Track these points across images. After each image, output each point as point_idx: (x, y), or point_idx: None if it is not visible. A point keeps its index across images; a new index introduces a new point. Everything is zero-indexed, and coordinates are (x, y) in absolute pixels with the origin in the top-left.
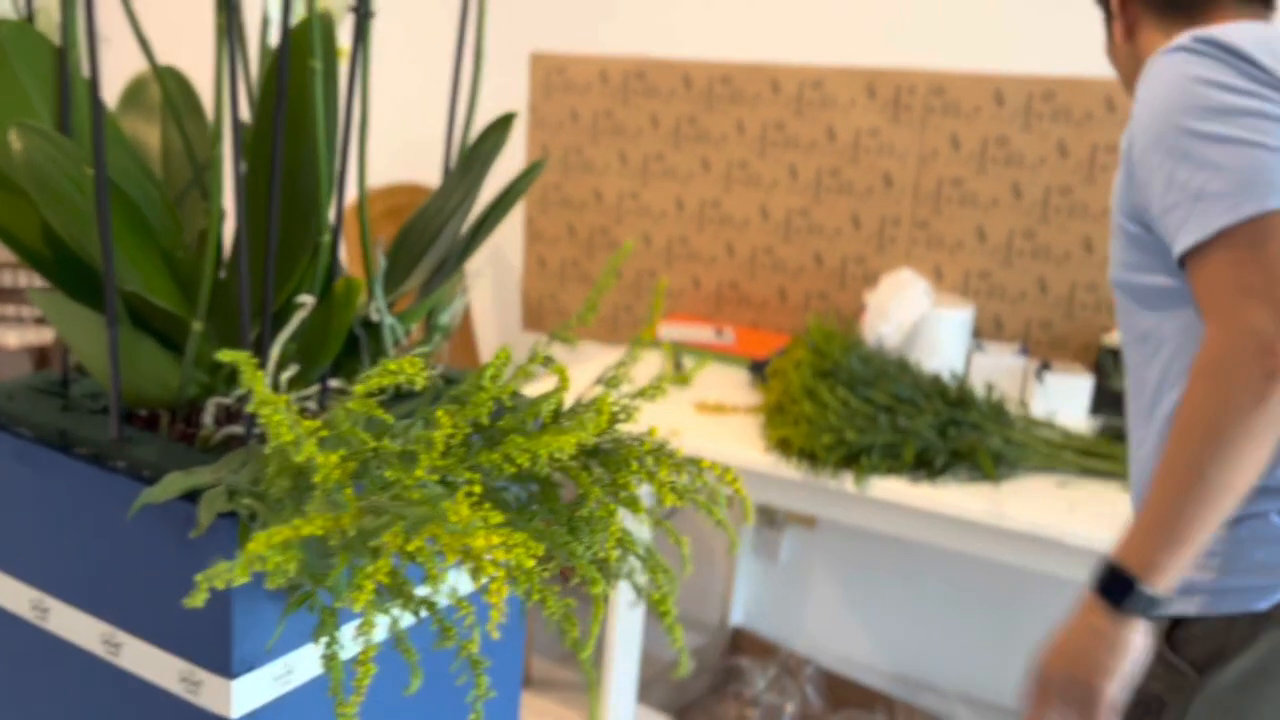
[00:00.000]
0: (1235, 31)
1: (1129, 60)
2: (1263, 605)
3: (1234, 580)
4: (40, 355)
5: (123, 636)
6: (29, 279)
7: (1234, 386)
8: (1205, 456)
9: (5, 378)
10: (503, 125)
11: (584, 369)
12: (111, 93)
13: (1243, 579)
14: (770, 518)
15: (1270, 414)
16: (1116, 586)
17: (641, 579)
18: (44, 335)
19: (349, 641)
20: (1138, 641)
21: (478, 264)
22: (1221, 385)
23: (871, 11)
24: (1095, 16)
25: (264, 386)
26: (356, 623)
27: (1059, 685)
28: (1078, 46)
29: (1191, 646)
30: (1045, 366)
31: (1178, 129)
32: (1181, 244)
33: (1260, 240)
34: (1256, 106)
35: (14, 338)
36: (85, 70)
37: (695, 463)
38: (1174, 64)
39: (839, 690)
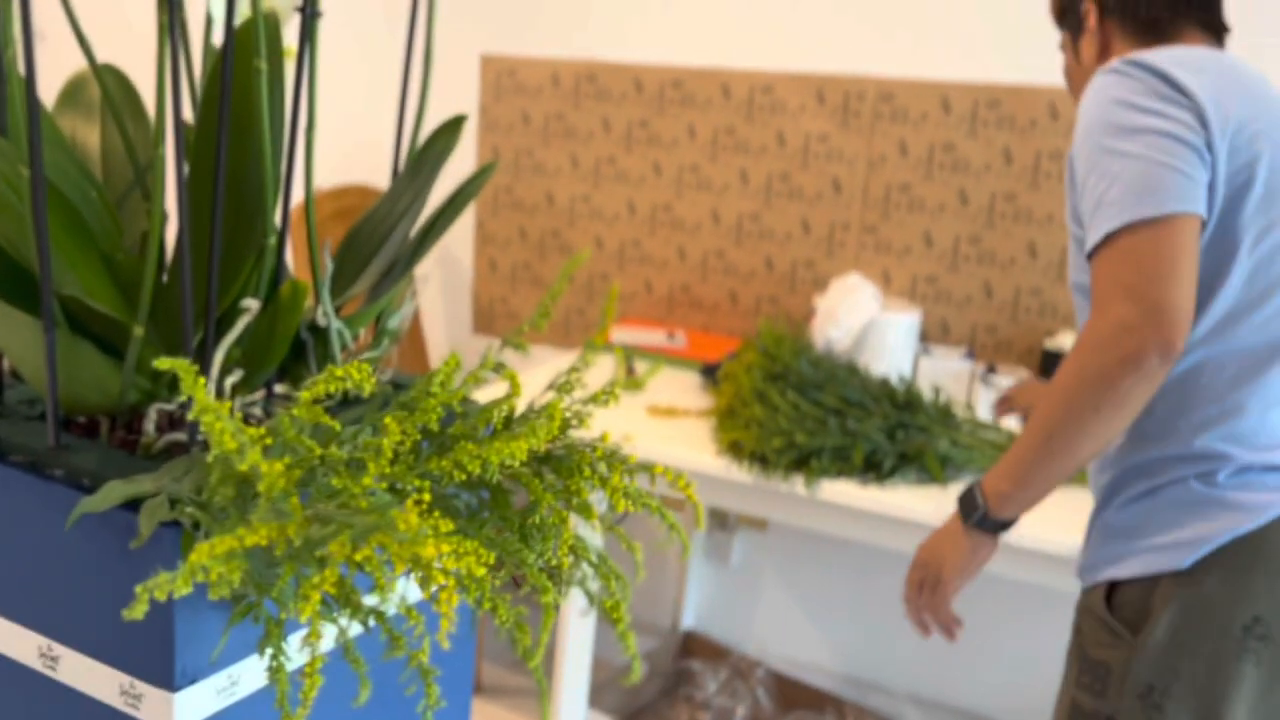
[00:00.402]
0: (1165, 55)
1: (1085, 79)
2: (1185, 563)
3: (1159, 540)
4: None
5: (60, 649)
6: None
7: (1094, 367)
8: (1058, 421)
9: None
10: (453, 127)
11: (536, 373)
12: (49, 91)
13: (1166, 539)
14: (722, 521)
15: (1119, 394)
16: (972, 506)
17: (594, 586)
18: None
19: (296, 652)
20: (982, 550)
21: (427, 267)
22: (1085, 364)
23: (821, 18)
24: (1039, 26)
25: (205, 393)
26: (303, 632)
27: (920, 569)
28: (1023, 55)
29: (1125, 609)
30: (991, 370)
31: (1096, 145)
32: (1087, 247)
33: (1139, 242)
34: (1158, 125)
35: None
36: (21, 68)
37: (648, 468)
38: (1104, 85)
39: (790, 692)
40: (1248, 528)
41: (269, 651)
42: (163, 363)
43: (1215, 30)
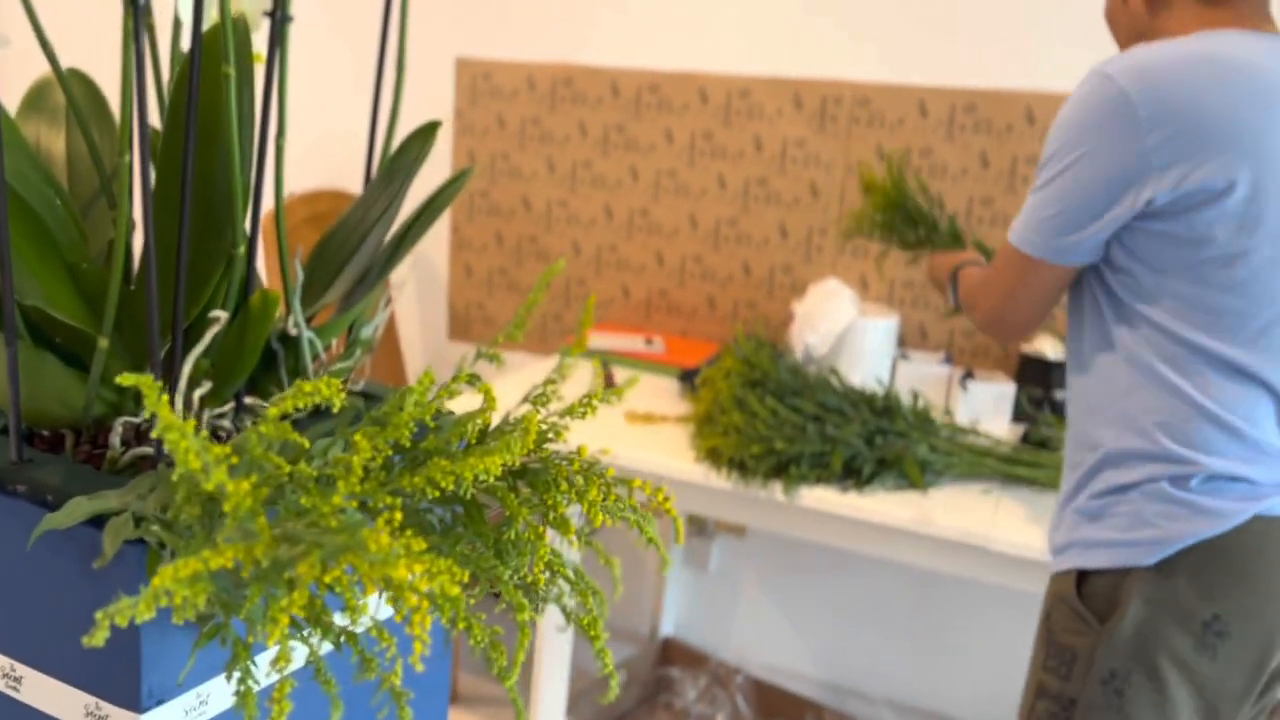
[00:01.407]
0: (1164, 61)
1: (1131, 25)
2: (1153, 560)
3: (1131, 536)
4: None
5: (23, 670)
6: None
7: (972, 310)
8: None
9: None
10: (427, 132)
11: (513, 380)
12: (12, 97)
13: (1137, 536)
14: (700, 527)
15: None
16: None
17: (570, 602)
18: None
19: (264, 673)
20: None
21: (401, 273)
22: (973, 301)
23: (798, 23)
24: (1016, 30)
25: (169, 410)
26: (272, 654)
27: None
28: (1000, 59)
29: (1094, 598)
30: (969, 375)
31: (1044, 156)
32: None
33: (1007, 264)
34: (1086, 161)
35: None
36: None
37: (626, 483)
38: (1083, 90)
39: (769, 699)
40: (1215, 531)
41: (236, 675)
42: (126, 379)
43: None
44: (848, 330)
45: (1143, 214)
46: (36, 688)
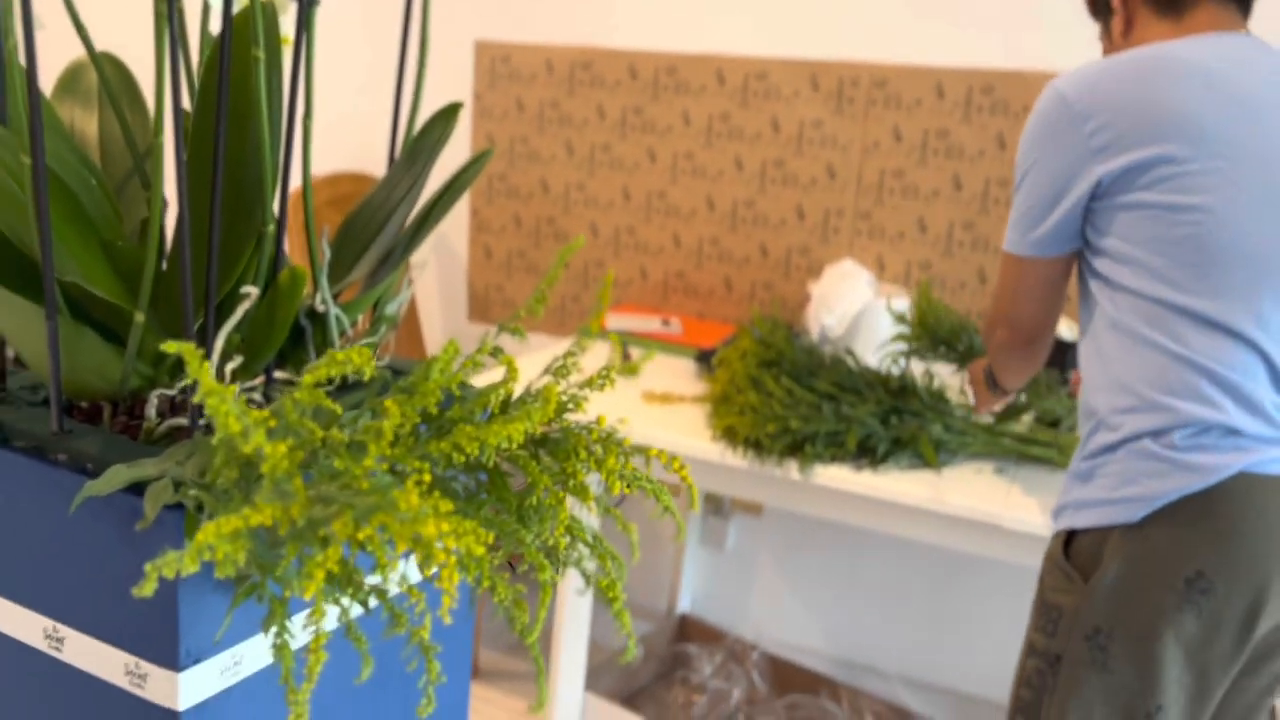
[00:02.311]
0: (1091, 83)
1: (1113, 52)
2: (1136, 517)
3: (1116, 495)
4: None
5: (65, 631)
6: None
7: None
8: (997, 363)
9: None
10: (448, 115)
11: (532, 360)
12: (46, 80)
13: (1121, 494)
14: (717, 506)
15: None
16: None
17: (590, 566)
18: None
19: (299, 631)
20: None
21: (422, 254)
22: (988, 334)
23: (815, 4)
24: (1033, 11)
25: (210, 377)
26: (306, 612)
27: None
28: (1017, 40)
29: (1079, 556)
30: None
31: (1016, 163)
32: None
33: (1008, 271)
34: (1038, 165)
35: None
36: (22, 57)
37: (643, 451)
38: (1036, 107)
39: (784, 675)
40: (1197, 487)
41: (273, 630)
42: (169, 346)
43: (1238, 4)
44: (863, 311)
45: (1095, 195)
46: (78, 648)
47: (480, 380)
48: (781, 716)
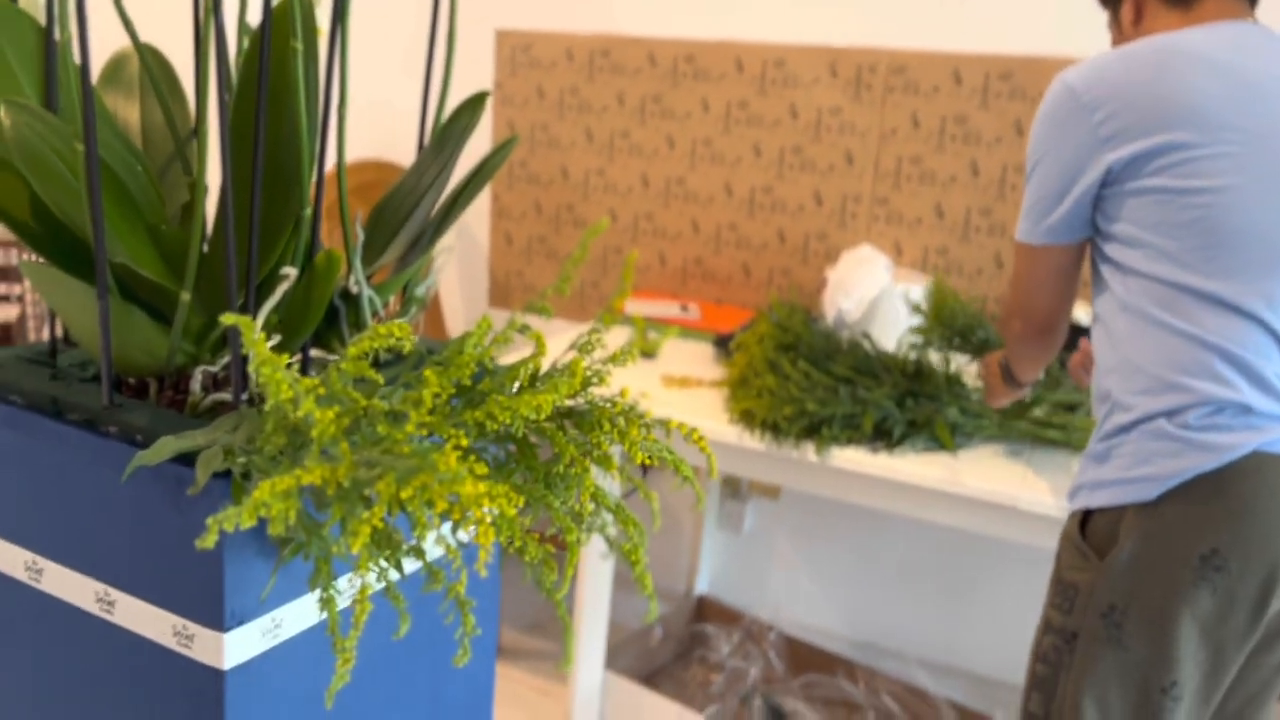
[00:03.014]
0: (1099, 74)
1: (1123, 43)
2: (1152, 496)
3: (1131, 474)
4: (4, 331)
5: (116, 594)
6: None
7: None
8: (1013, 359)
9: None
10: (475, 103)
11: (552, 344)
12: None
13: (1137, 474)
14: (734, 488)
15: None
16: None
17: (613, 532)
18: (8, 312)
19: (341, 589)
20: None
21: (447, 240)
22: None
23: None
24: None
25: (264, 347)
26: (346, 576)
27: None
28: (1035, 26)
29: (1095, 535)
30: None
31: (1028, 154)
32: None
33: (1021, 261)
34: (1049, 156)
35: None
36: (74, 48)
37: (663, 423)
38: (1045, 100)
39: (801, 655)
40: (1211, 465)
41: (319, 586)
42: (227, 318)
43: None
44: (880, 296)
45: (1105, 182)
46: (128, 610)
47: (506, 360)
48: (798, 695)
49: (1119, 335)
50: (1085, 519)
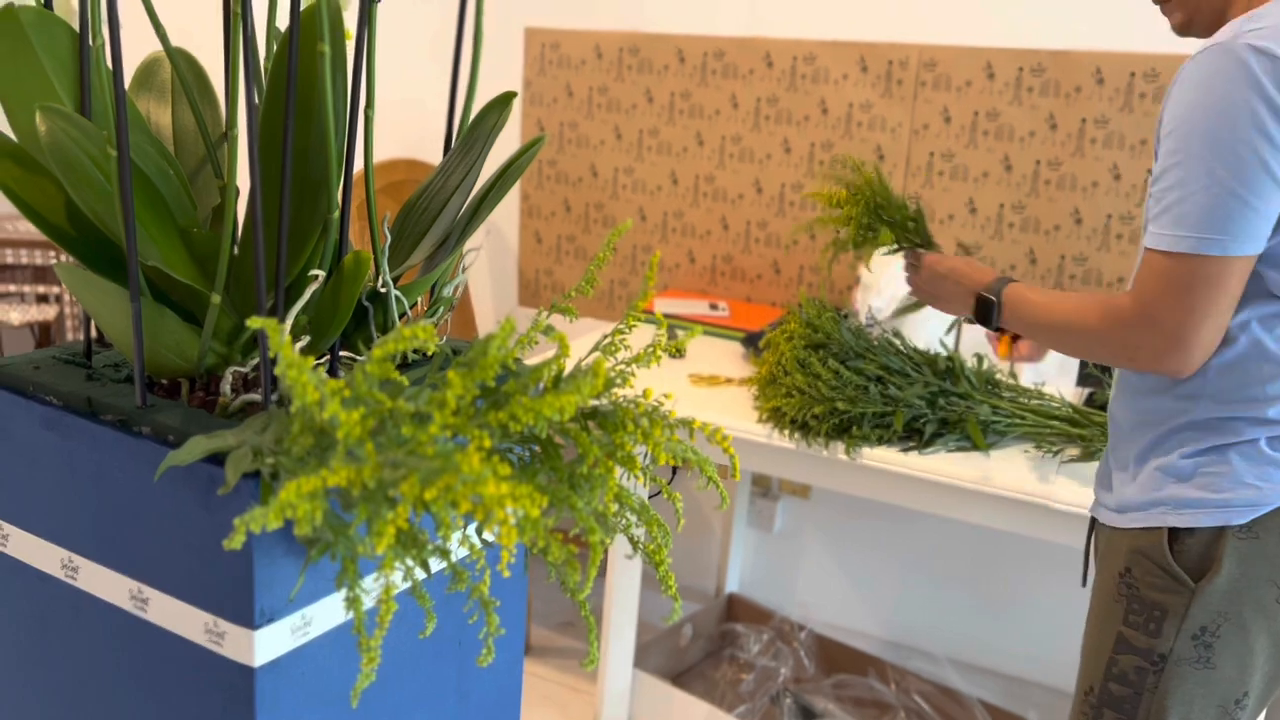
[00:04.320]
0: None
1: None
2: (1247, 519)
3: (1227, 497)
4: (43, 331)
5: (150, 592)
6: (29, 257)
7: (1099, 341)
8: (1055, 340)
9: (9, 353)
10: (503, 103)
11: (580, 343)
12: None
13: (1233, 496)
14: (765, 487)
15: (1107, 361)
16: (987, 315)
17: (637, 532)
18: (46, 312)
19: (367, 588)
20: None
21: (475, 240)
22: (1093, 330)
23: None
24: None
25: (291, 350)
26: (371, 576)
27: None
28: (1067, 20)
29: (1187, 556)
30: None
31: (1188, 145)
32: (1145, 239)
33: (1188, 274)
34: (1256, 156)
35: (16, 315)
36: (107, 55)
37: (687, 424)
38: (1225, 71)
39: (832, 654)
40: None
41: (345, 585)
42: (254, 322)
43: None
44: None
45: None
46: (162, 607)
47: (531, 360)
48: (829, 695)
49: (1225, 352)
50: (1172, 537)
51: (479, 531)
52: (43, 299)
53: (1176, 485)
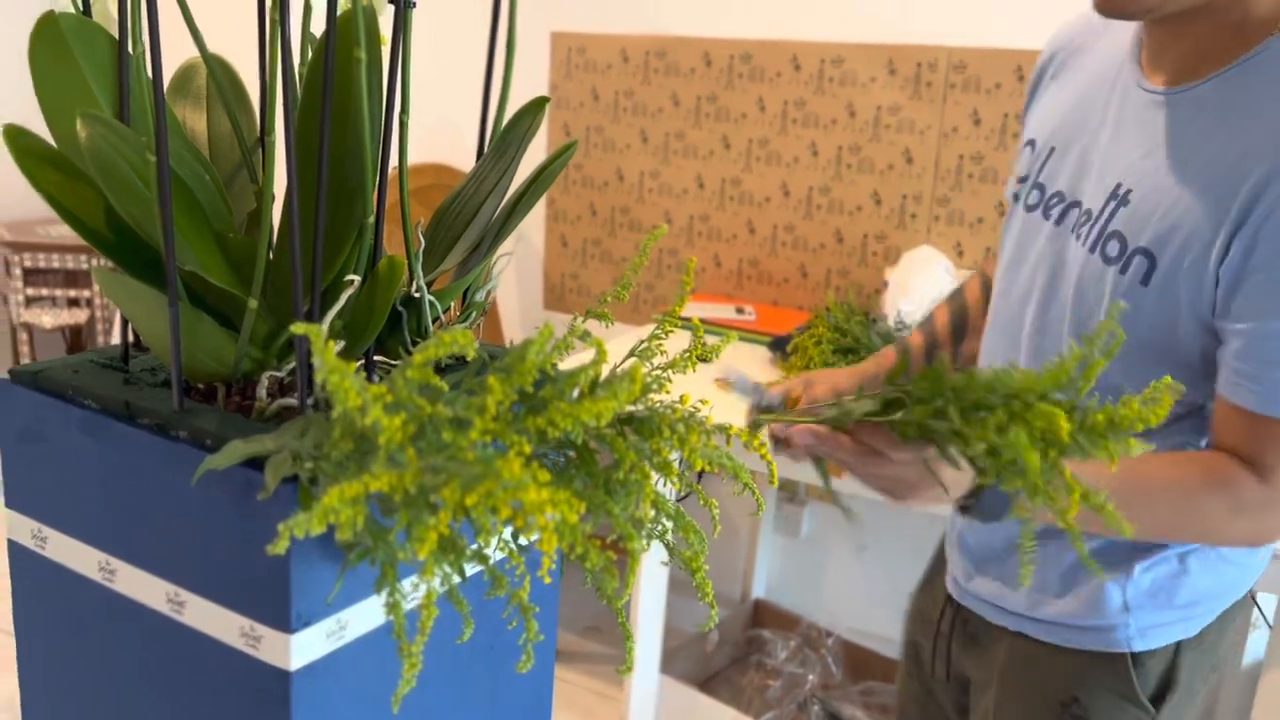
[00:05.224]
0: None
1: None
2: (1199, 629)
3: (1185, 611)
4: (74, 334)
5: (186, 595)
6: (61, 262)
7: (1238, 528)
8: (1165, 531)
9: (42, 357)
10: (535, 108)
11: (610, 347)
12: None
13: (1193, 606)
14: (791, 493)
15: (1216, 542)
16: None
17: (673, 539)
18: (77, 316)
19: (406, 593)
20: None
21: (505, 245)
22: (1231, 520)
23: None
24: None
25: (333, 355)
26: (410, 579)
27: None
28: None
29: (1148, 678)
30: None
31: None
32: (1270, 409)
33: None
34: None
35: (49, 319)
36: (146, 62)
37: (724, 430)
38: None
39: (859, 661)
40: (1250, 584)
41: (385, 590)
42: (298, 327)
43: None
44: (942, 298)
45: None
46: (198, 611)
47: (562, 364)
48: (857, 703)
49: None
50: (1133, 660)
51: (515, 537)
52: (74, 302)
53: (1143, 605)
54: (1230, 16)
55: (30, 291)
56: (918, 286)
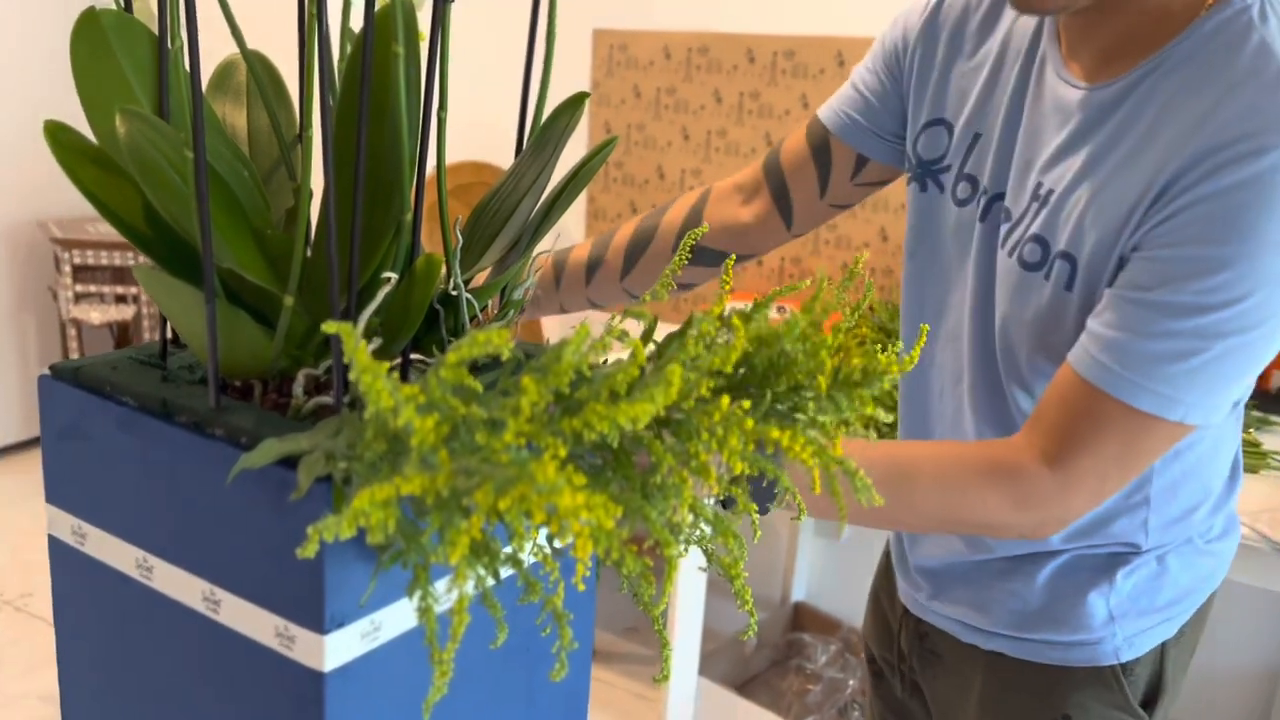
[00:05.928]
0: None
1: None
2: (1178, 628)
3: (1171, 609)
4: (122, 330)
5: (222, 594)
6: (109, 259)
7: (1022, 520)
8: (938, 520)
9: (89, 352)
10: (574, 104)
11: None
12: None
13: (1175, 606)
14: None
15: (990, 533)
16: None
17: (711, 544)
18: (124, 312)
19: (438, 597)
20: None
21: (544, 243)
22: (1013, 512)
23: None
24: None
25: (365, 355)
26: (443, 581)
27: None
28: None
29: (1137, 684)
30: None
31: (1251, 261)
32: (1094, 372)
33: (1160, 441)
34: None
35: (97, 315)
36: (185, 58)
37: (764, 431)
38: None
39: None
40: (1222, 576)
41: (417, 594)
42: (329, 326)
43: None
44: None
45: None
46: (233, 610)
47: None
48: None
49: (1188, 457)
50: (1123, 670)
51: (549, 541)
52: (121, 299)
53: (1126, 613)
54: (1149, 4)
55: (79, 288)
56: None
